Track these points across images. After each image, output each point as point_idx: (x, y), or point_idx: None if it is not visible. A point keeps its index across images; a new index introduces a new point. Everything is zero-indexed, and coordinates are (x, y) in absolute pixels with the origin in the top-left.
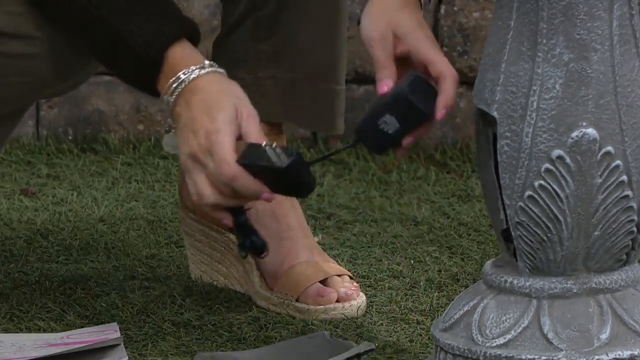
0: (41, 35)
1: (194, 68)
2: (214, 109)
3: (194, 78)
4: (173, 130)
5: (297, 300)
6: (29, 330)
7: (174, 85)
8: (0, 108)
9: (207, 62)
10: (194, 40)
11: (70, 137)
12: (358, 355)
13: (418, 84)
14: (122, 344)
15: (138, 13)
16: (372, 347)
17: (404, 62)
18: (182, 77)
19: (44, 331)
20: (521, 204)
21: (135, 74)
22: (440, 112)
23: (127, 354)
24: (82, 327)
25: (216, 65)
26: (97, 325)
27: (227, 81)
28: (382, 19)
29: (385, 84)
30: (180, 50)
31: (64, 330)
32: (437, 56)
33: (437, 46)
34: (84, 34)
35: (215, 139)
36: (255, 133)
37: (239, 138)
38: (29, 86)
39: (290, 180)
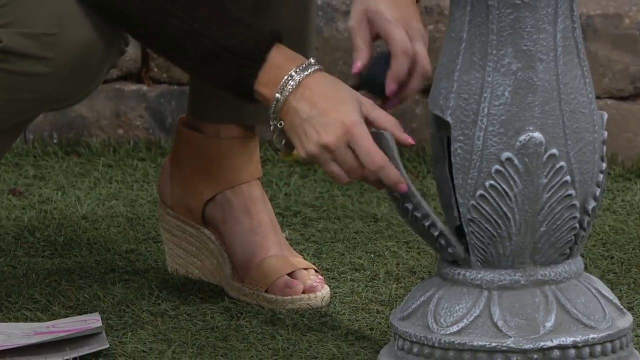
0: (54, 56)
1: (303, 66)
2: (341, 103)
3: (306, 75)
4: (279, 125)
5: (266, 291)
6: (16, 319)
7: (287, 83)
8: (7, 120)
9: (311, 59)
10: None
11: (55, 141)
12: (447, 244)
13: (381, 60)
14: (104, 332)
15: (228, 23)
16: (460, 253)
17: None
18: (294, 74)
19: (31, 321)
20: (473, 202)
21: (234, 76)
22: (389, 87)
23: (108, 342)
24: (66, 316)
25: (318, 62)
26: (81, 315)
27: (333, 77)
28: (359, 7)
29: (356, 66)
30: (282, 51)
31: (50, 320)
32: (393, 33)
33: (411, 25)
34: (177, 48)
35: (356, 131)
36: (383, 117)
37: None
38: (37, 102)
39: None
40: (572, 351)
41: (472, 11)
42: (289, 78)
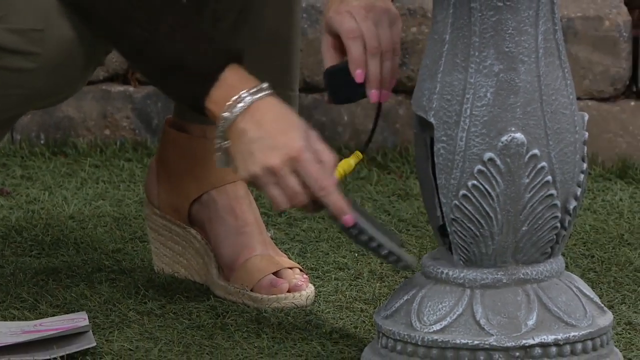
0: (41, 52)
1: (255, 89)
2: (290, 128)
3: (257, 98)
4: (223, 144)
5: (251, 290)
6: (4, 318)
7: (236, 104)
8: None
9: (264, 84)
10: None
11: (42, 141)
12: (397, 260)
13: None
14: (91, 330)
15: (188, 36)
16: (410, 265)
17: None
18: (244, 96)
19: (19, 319)
20: (456, 202)
21: (187, 90)
22: (370, 94)
23: (95, 340)
24: (53, 315)
25: (270, 87)
26: (68, 313)
27: (283, 104)
28: (324, 25)
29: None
30: (236, 72)
31: (37, 319)
32: (348, 46)
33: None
34: (139, 56)
35: (304, 156)
36: (325, 150)
37: None
38: (25, 98)
39: None
40: (554, 349)
41: (455, 13)
42: (239, 99)
